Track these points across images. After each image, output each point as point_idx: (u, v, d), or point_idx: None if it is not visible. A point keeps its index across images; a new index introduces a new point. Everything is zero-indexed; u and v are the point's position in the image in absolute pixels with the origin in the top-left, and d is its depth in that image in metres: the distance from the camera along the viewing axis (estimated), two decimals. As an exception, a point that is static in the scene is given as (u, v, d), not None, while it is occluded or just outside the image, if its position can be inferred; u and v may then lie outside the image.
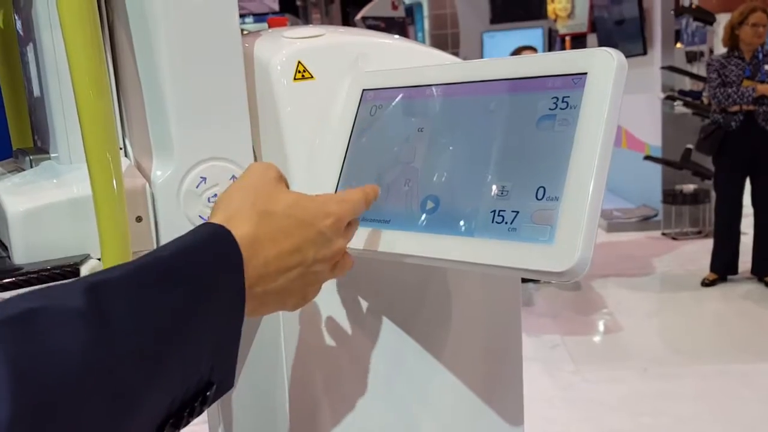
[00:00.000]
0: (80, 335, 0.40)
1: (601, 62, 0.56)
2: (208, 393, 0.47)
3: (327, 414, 0.76)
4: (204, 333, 0.47)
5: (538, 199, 0.56)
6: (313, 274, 0.57)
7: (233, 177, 0.68)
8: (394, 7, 10.10)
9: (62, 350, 0.38)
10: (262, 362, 0.78)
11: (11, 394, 0.35)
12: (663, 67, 5.28)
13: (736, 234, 4.10)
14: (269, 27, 0.81)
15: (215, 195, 0.68)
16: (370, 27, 9.54)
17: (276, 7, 10.60)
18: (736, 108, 3.89)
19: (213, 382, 0.48)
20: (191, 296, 0.46)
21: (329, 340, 0.75)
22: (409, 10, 11.05)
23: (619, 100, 0.56)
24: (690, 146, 4.95)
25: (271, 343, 0.75)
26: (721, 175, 4.13)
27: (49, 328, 0.39)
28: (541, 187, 0.56)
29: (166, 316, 0.45)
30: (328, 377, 0.76)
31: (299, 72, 0.71)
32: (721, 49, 4.95)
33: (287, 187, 0.59)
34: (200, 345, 0.46)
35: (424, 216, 0.64)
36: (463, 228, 0.60)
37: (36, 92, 0.73)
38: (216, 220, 0.52)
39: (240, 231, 0.51)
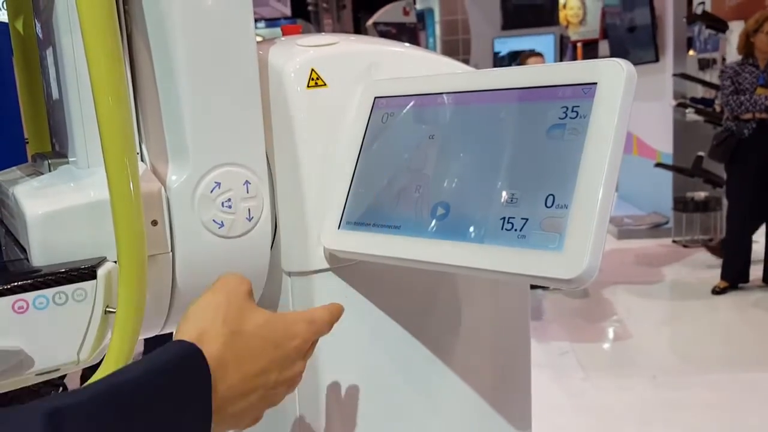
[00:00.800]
0: None
1: (611, 73, 0.57)
2: None
3: (336, 418, 0.77)
4: None
5: (547, 206, 0.57)
6: (272, 396, 0.57)
7: (246, 182, 0.69)
8: (406, 13, 10.12)
9: None
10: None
11: None
12: (675, 75, 5.26)
13: (748, 242, 4.08)
14: (283, 35, 0.83)
15: (229, 200, 0.69)
16: (381, 32, 9.56)
17: (288, 12, 10.65)
18: (749, 116, 3.88)
19: None
20: (156, 428, 0.45)
21: (338, 345, 0.76)
22: (421, 16, 11.07)
23: (628, 111, 0.56)
24: (701, 154, 4.93)
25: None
26: (734, 183, 4.11)
27: None
28: (550, 195, 0.57)
29: None
30: (337, 382, 0.76)
31: (312, 79, 0.72)
32: (733, 57, 4.93)
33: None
34: None
35: (434, 222, 0.64)
36: (472, 234, 0.61)
37: (55, 95, 0.75)
38: (187, 336, 0.52)
39: (210, 350, 0.51)
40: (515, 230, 0.58)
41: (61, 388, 2.39)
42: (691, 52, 6.03)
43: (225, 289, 0.57)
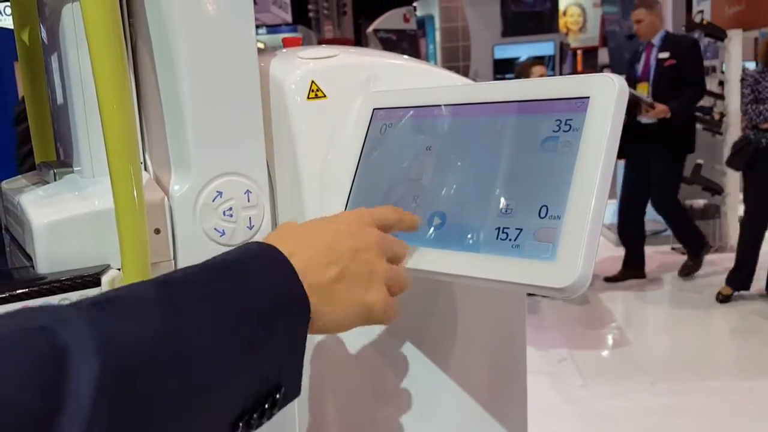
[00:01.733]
0: (155, 322, 0.42)
1: (603, 87, 0.58)
2: (277, 396, 0.49)
3: (332, 424, 0.78)
4: (274, 338, 0.48)
5: (541, 217, 0.58)
6: (363, 263, 0.57)
7: (247, 191, 0.71)
8: (406, 20, 10.16)
9: (140, 331, 0.42)
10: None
11: (99, 356, 0.38)
12: (674, 82, 5.28)
13: (758, 250, 4.08)
14: (284, 47, 0.84)
15: (230, 208, 0.70)
16: (381, 39, 9.59)
17: (289, 18, 10.70)
18: (767, 125, 3.90)
19: (281, 385, 0.49)
20: (257, 299, 0.48)
21: (335, 352, 0.77)
22: (421, 23, 11.11)
23: (620, 124, 0.58)
24: (700, 161, 4.94)
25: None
26: (750, 192, 4.13)
27: (128, 311, 0.43)
28: (544, 206, 0.59)
29: (237, 319, 0.47)
30: (334, 387, 0.78)
31: (312, 91, 0.74)
32: (732, 65, 4.96)
33: None
34: (271, 349, 0.48)
35: (430, 231, 0.66)
36: (468, 244, 0.62)
37: (59, 100, 0.76)
38: (287, 247, 0.54)
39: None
40: (510, 240, 0.60)
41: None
42: (690, 60, 6.05)
43: (349, 234, 0.57)
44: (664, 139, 4.16)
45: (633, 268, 4.41)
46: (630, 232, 4.47)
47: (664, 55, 4.19)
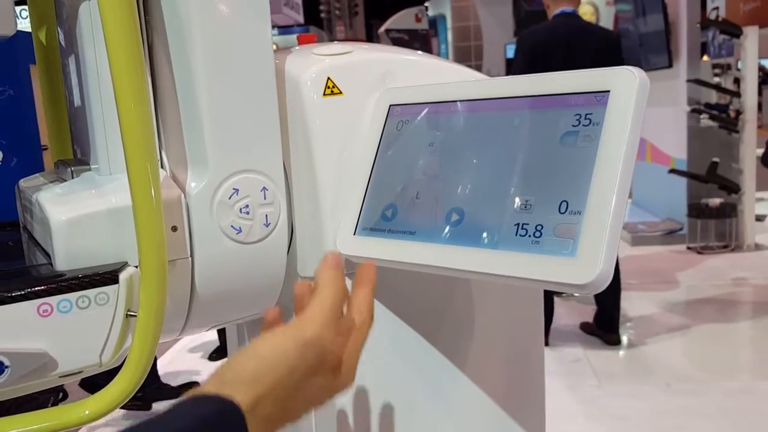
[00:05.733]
0: None
1: (624, 80, 0.58)
2: None
3: (349, 421, 0.77)
4: None
5: (561, 213, 0.58)
6: (314, 387, 0.53)
7: (264, 188, 0.71)
8: (418, 20, 10.15)
9: None
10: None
11: None
12: (689, 80, 5.24)
13: None
14: (299, 44, 0.84)
15: (247, 206, 0.70)
16: (393, 39, 9.59)
17: (301, 19, 10.71)
18: None
19: None
20: None
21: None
22: (433, 23, 11.09)
23: (641, 118, 0.57)
24: (716, 160, 4.89)
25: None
26: None
27: None
28: (564, 201, 0.58)
29: None
30: (354, 384, 0.77)
31: (328, 87, 0.74)
32: (748, 62, 4.91)
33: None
34: None
35: (448, 228, 0.65)
36: (486, 240, 0.62)
37: (77, 102, 0.77)
38: (242, 394, 0.48)
39: (262, 413, 0.49)
40: (529, 236, 0.59)
41: (60, 394, 2.41)
42: (705, 58, 6.00)
43: (298, 350, 0.51)
44: None
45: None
46: None
47: None
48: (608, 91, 0.58)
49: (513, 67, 3.43)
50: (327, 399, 0.55)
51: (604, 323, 3.48)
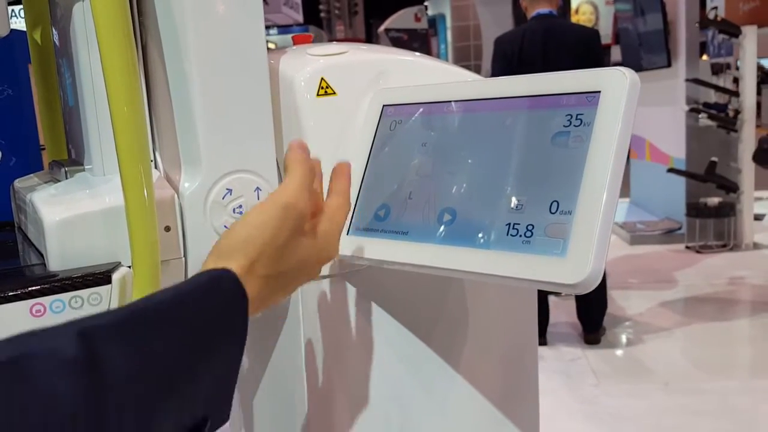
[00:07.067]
0: (72, 384, 0.40)
1: (614, 81, 0.58)
2: (203, 429, 0.48)
3: (345, 422, 0.78)
4: (206, 374, 0.48)
5: (551, 213, 0.58)
6: (293, 256, 0.59)
7: (257, 189, 0.71)
8: (417, 19, 10.16)
9: (53, 397, 0.38)
10: (282, 368, 0.80)
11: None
12: (688, 80, 5.24)
13: None
14: (294, 44, 0.84)
15: (240, 206, 0.70)
16: (393, 39, 9.59)
17: (300, 18, 10.71)
18: None
19: (207, 417, 0.48)
20: (189, 340, 0.47)
21: (347, 350, 0.77)
22: (432, 22, 11.09)
23: (631, 118, 0.57)
24: (715, 159, 4.89)
25: (291, 348, 0.77)
26: None
27: (40, 374, 0.39)
28: (554, 201, 0.58)
29: (162, 363, 0.45)
30: (346, 385, 0.77)
31: (322, 88, 0.74)
32: (747, 62, 4.91)
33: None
34: (198, 387, 0.47)
35: (441, 228, 0.65)
36: (479, 240, 0.62)
37: (71, 103, 0.77)
38: (234, 263, 0.54)
39: (251, 289, 0.54)
40: (520, 236, 0.59)
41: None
42: (704, 57, 6.00)
43: (278, 213, 0.57)
44: None
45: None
46: None
47: None
48: (599, 92, 0.58)
49: (491, 74, 3.43)
50: (315, 265, 0.62)
51: (585, 320, 3.48)
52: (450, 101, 0.70)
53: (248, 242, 0.55)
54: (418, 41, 9.94)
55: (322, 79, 0.74)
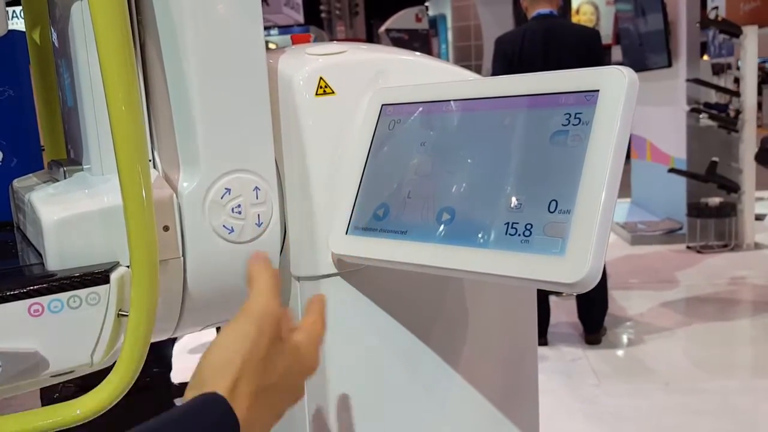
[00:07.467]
0: None
1: (613, 80, 0.58)
2: None
3: (344, 423, 0.78)
4: None
5: (550, 212, 0.58)
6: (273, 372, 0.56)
7: (256, 188, 0.71)
8: (418, 20, 10.16)
9: None
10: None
11: None
12: (688, 80, 5.24)
13: None
14: (293, 43, 0.84)
15: (239, 205, 0.70)
16: (393, 39, 9.59)
17: (301, 19, 10.72)
18: None
19: None
20: None
21: (346, 350, 0.77)
22: (433, 22, 11.09)
23: (630, 117, 0.57)
24: (715, 159, 4.89)
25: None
26: None
27: None
28: (553, 200, 0.58)
29: None
30: (345, 386, 0.77)
31: (321, 87, 0.74)
32: (748, 62, 4.90)
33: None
34: None
35: (440, 227, 0.65)
36: (477, 240, 0.62)
37: (70, 103, 0.77)
38: (221, 386, 0.52)
39: (240, 408, 0.52)
40: (519, 235, 0.59)
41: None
42: (705, 57, 6.00)
43: (253, 325, 0.55)
44: None
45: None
46: None
47: None
48: (597, 91, 0.58)
49: (491, 74, 3.43)
50: (298, 376, 0.60)
51: (586, 320, 3.48)
52: (449, 100, 0.69)
53: (228, 362, 0.53)
54: (419, 41, 9.94)
55: (320, 78, 0.74)
